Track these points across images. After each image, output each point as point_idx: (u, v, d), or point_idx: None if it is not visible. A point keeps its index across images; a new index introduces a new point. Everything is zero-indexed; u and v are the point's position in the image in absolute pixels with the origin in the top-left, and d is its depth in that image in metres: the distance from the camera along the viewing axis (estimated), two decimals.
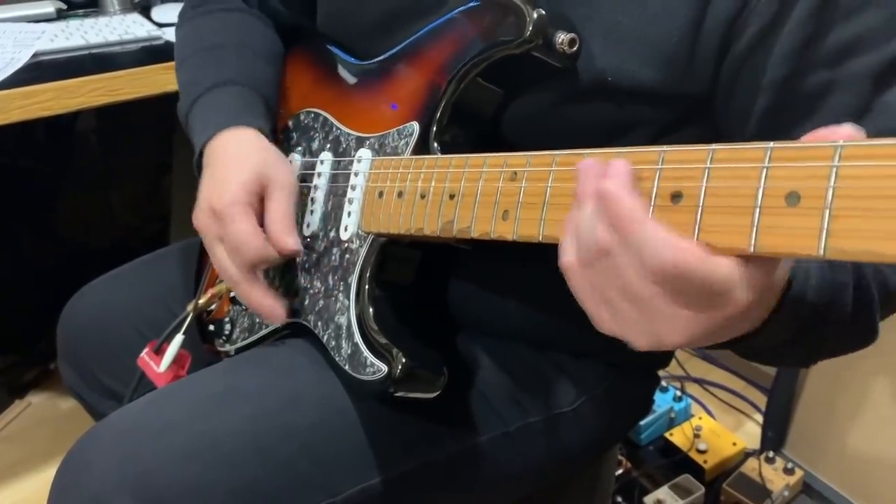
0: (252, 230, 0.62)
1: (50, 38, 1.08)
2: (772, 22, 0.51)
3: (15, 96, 0.90)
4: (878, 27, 0.50)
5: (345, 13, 0.71)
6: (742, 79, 0.53)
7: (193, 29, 0.81)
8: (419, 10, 0.64)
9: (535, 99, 0.59)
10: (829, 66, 0.51)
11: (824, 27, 0.50)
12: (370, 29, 0.69)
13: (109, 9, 1.25)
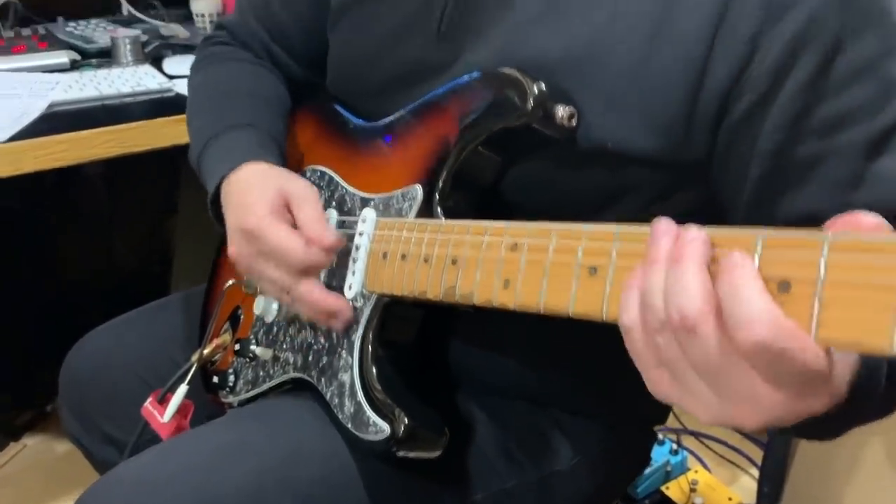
0: (291, 233, 0.64)
1: (64, 89, 1.11)
2: (765, 94, 0.53)
3: (28, 147, 0.93)
4: (867, 101, 0.52)
5: (353, 75, 0.74)
6: (736, 147, 0.56)
7: (206, 77, 0.85)
8: (424, 75, 0.67)
9: (534, 165, 0.61)
10: (820, 136, 0.53)
11: (815, 100, 0.52)
12: (376, 91, 0.71)
13: (122, 60, 1.28)
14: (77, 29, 1.45)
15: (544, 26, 0.59)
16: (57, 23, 1.46)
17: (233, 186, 0.70)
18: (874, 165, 0.52)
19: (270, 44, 0.84)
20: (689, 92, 0.54)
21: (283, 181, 0.68)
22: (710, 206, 0.60)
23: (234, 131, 0.75)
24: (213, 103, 0.80)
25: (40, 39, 1.29)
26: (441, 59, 0.65)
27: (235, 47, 0.86)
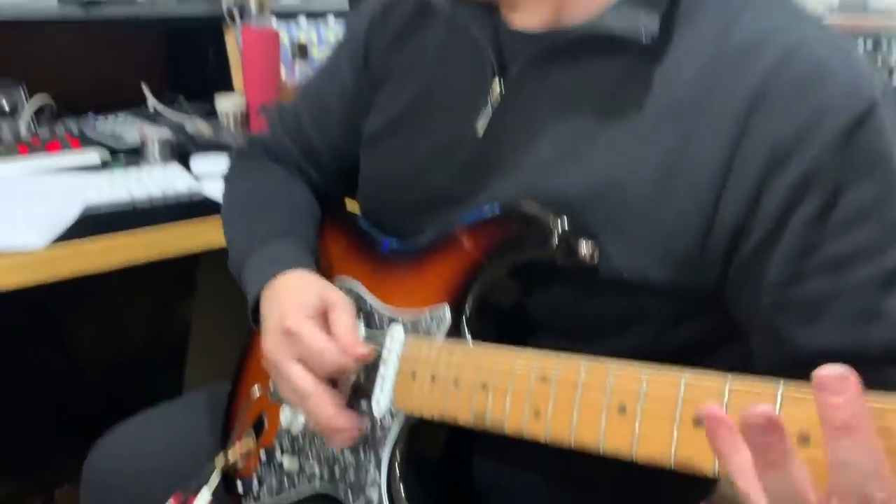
0: (327, 339, 0.67)
1: (98, 191, 1.15)
2: (772, 231, 0.57)
3: (66, 254, 0.96)
4: (871, 242, 0.55)
5: (383, 198, 0.79)
6: (748, 279, 0.59)
7: (242, 187, 0.89)
8: (449, 203, 0.71)
9: (555, 292, 0.64)
10: (827, 274, 0.56)
11: (820, 239, 0.56)
12: (404, 214, 0.75)
13: (151, 158, 1.34)
14: (107, 125, 1.51)
15: (564, 166, 0.63)
16: (87, 118, 1.53)
17: (275, 291, 0.73)
18: (884, 304, 0.55)
19: (301, 161, 0.88)
20: (701, 231, 0.58)
21: (322, 289, 0.72)
22: (723, 331, 0.63)
23: (275, 240, 0.78)
24: (251, 212, 0.85)
25: (73, 137, 1.35)
26: (466, 190, 0.69)
27: (267, 160, 0.91)
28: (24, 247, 0.96)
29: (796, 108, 0.55)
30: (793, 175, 0.55)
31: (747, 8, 0.60)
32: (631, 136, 0.60)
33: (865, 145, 0.55)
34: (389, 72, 0.79)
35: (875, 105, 0.55)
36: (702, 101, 0.58)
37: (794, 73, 0.55)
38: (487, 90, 0.69)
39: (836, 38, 0.58)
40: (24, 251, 0.95)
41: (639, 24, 0.59)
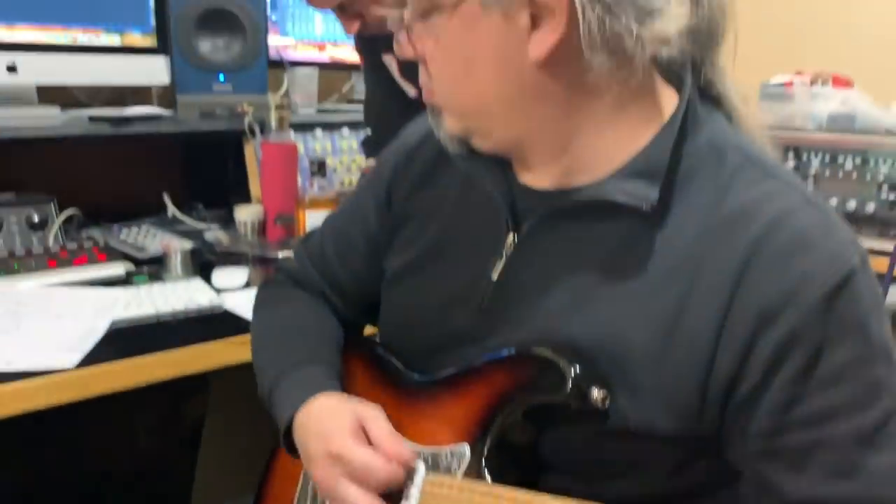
0: (372, 452, 0.70)
1: (124, 306, 1.21)
2: (759, 385, 0.62)
3: (96, 373, 1.01)
4: (851, 399, 0.60)
5: (403, 335, 0.83)
6: (738, 427, 0.64)
7: (271, 315, 0.94)
8: (467, 343, 0.75)
9: (565, 435, 0.68)
10: (811, 427, 0.61)
11: (803, 394, 0.61)
12: (423, 350, 0.80)
13: (173, 271, 1.39)
14: (130, 235, 1.58)
15: (572, 318, 0.68)
16: (111, 229, 1.60)
17: (309, 417, 0.77)
18: (863, 460, 0.60)
19: (327, 290, 0.94)
20: (700, 384, 0.63)
21: (354, 406, 0.76)
22: (724, 474, 0.67)
23: (304, 366, 0.83)
24: (280, 340, 0.89)
25: (99, 250, 1.41)
26: (483, 332, 0.74)
27: (294, 288, 0.96)
28: (56, 366, 1.00)
29: (782, 276, 0.60)
30: (778, 335, 0.60)
31: (736, 179, 0.66)
32: (634, 294, 0.66)
33: (844, 311, 0.60)
34: (411, 214, 0.84)
35: (853, 273, 0.61)
36: (698, 265, 0.64)
37: (779, 243, 0.61)
38: (502, 241, 0.74)
39: (819, 206, 0.65)
40: (55, 370, 0.99)
41: (640, 193, 0.65)
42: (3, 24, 1.55)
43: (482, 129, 0.71)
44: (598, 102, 0.66)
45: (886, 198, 1.57)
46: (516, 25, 0.63)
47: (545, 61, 0.63)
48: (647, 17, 0.62)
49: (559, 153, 0.70)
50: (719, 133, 0.69)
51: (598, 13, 0.60)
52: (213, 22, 1.73)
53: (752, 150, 0.69)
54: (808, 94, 1.73)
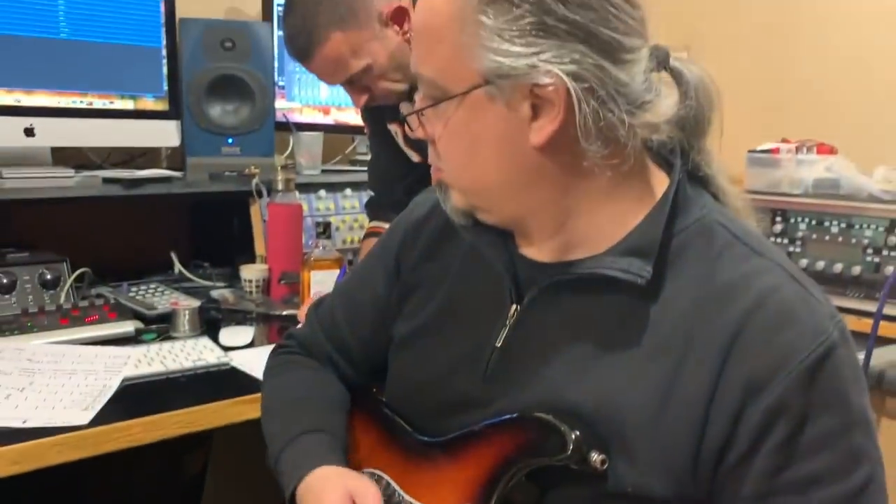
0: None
1: (135, 364, 1.24)
2: (748, 450, 0.66)
3: (109, 431, 1.04)
4: (834, 465, 0.65)
5: (409, 398, 0.87)
6: (728, 491, 0.67)
7: (280, 383, 0.98)
8: (471, 407, 0.79)
9: (566, 498, 0.72)
10: (797, 492, 0.65)
11: (789, 461, 0.65)
12: (429, 413, 0.83)
13: (181, 329, 1.43)
14: (139, 294, 1.62)
15: (572, 385, 0.72)
16: (121, 287, 1.64)
17: (308, 489, 0.81)
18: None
19: (334, 354, 0.98)
20: (693, 449, 0.67)
21: (347, 482, 0.80)
22: None
23: (307, 436, 0.86)
24: (286, 409, 0.93)
25: (110, 309, 1.45)
26: (486, 397, 0.77)
27: (303, 356, 1.00)
28: (70, 423, 1.04)
29: (768, 349, 0.65)
30: (765, 405, 0.65)
31: (724, 255, 0.71)
32: (630, 364, 0.70)
33: (826, 383, 0.65)
34: (418, 283, 0.88)
35: (834, 346, 0.66)
36: (690, 337, 0.68)
37: (765, 318, 0.66)
38: (506, 310, 0.78)
39: (801, 282, 0.70)
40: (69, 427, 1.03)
41: (635, 269, 0.70)
42: (22, 90, 1.63)
43: (486, 205, 0.76)
44: (593, 184, 0.71)
45: (871, 260, 1.63)
46: (518, 115, 0.68)
47: (544, 147, 0.68)
48: (637, 109, 0.68)
49: (557, 229, 0.75)
50: (707, 212, 0.74)
51: (593, 106, 0.66)
52: (224, 88, 1.81)
53: (738, 227, 0.74)
54: (794, 160, 1.80)
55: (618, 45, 0.67)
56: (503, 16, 0.65)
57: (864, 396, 0.68)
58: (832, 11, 2.12)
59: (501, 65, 0.66)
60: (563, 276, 0.75)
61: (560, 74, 0.64)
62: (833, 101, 2.12)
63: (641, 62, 0.69)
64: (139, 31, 1.75)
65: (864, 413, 0.67)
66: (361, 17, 1.33)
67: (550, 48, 0.65)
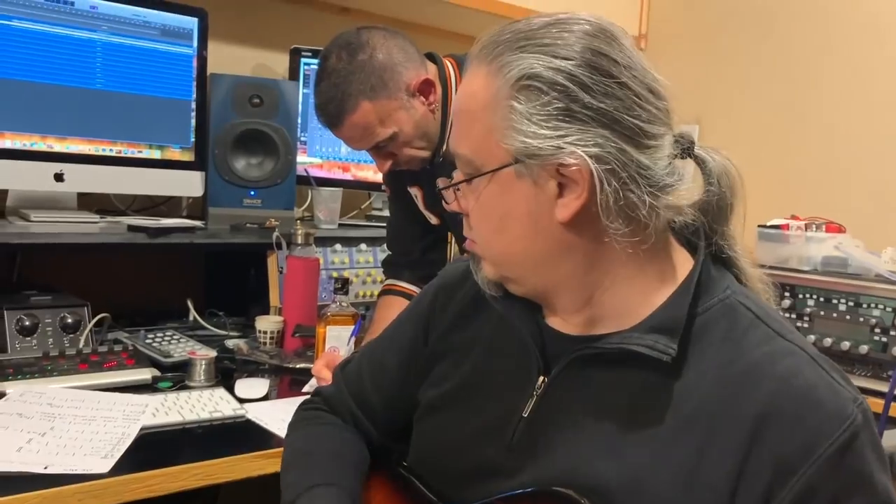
0: None
1: (152, 413, 1.26)
2: None
3: (129, 482, 1.05)
4: None
5: (433, 463, 0.89)
6: None
7: (301, 437, 1.00)
8: (493, 476, 0.80)
9: None
10: None
11: None
12: (451, 480, 0.85)
13: (196, 378, 1.45)
14: (154, 341, 1.64)
15: (597, 460, 0.74)
16: (138, 334, 1.66)
17: None
18: None
19: (357, 413, 1.00)
20: None
21: None
22: None
23: (318, 489, 0.87)
24: (303, 461, 0.94)
25: (128, 356, 1.46)
26: (511, 466, 0.79)
27: (327, 412, 1.02)
28: (91, 471, 1.05)
29: (794, 432, 0.67)
30: (796, 488, 0.67)
31: (747, 336, 0.73)
32: (655, 440, 0.72)
33: (853, 465, 0.67)
34: (447, 350, 0.91)
35: (859, 430, 0.68)
36: (714, 416, 0.70)
37: (790, 401, 0.69)
38: (533, 382, 0.81)
39: (822, 365, 0.72)
40: (90, 475, 1.04)
41: (660, 346, 0.72)
42: (55, 136, 1.67)
43: (514, 276, 0.80)
44: (616, 261, 0.75)
45: (879, 340, 1.65)
46: (545, 192, 0.72)
47: (568, 223, 0.72)
48: (659, 191, 0.72)
49: (584, 303, 0.78)
50: (731, 293, 0.77)
51: (615, 186, 0.70)
52: (249, 141, 1.86)
53: (760, 309, 0.77)
54: (804, 237, 1.84)
55: (640, 131, 0.71)
56: (532, 102, 0.71)
57: (887, 475, 0.70)
58: (844, 92, 2.19)
59: (529, 145, 0.71)
60: (590, 350, 0.77)
61: (583, 156, 0.69)
62: (842, 181, 2.17)
63: (665, 148, 0.73)
64: (171, 84, 1.81)
65: (889, 492, 0.69)
66: (391, 88, 1.38)
67: (575, 132, 0.70)
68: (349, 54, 1.38)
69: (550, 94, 0.70)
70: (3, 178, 1.63)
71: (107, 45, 1.71)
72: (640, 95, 0.71)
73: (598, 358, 0.77)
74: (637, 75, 0.72)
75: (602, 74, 0.70)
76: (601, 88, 0.70)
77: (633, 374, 0.75)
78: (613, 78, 0.71)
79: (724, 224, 0.79)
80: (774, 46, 2.33)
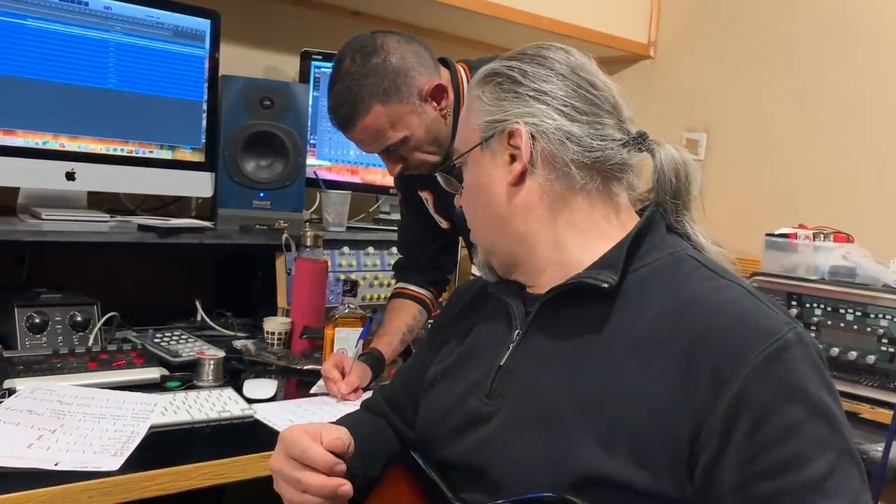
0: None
1: (161, 412, 1.26)
2: (719, 446, 0.71)
3: (140, 479, 1.05)
4: (800, 453, 0.70)
5: (431, 424, 0.96)
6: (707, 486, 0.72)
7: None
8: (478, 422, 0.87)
9: None
10: (770, 479, 0.70)
11: (758, 450, 0.70)
12: (446, 436, 0.91)
13: (205, 378, 1.45)
14: (163, 340, 1.64)
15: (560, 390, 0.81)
16: (147, 333, 1.66)
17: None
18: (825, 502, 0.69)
19: (388, 412, 1.10)
20: (668, 443, 0.73)
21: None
22: None
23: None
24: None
25: (137, 354, 1.47)
26: (487, 411, 0.87)
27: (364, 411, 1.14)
28: (101, 468, 1.05)
29: (726, 346, 0.73)
30: (728, 398, 0.71)
31: (691, 277, 0.82)
32: (607, 364, 0.79)
33: (783, 376, 0.71)
34: (451, 336, 1.02)
35: (788, 344, 0.72)
36: (658, 340, 0.77)
37: (724, 321, 0.75)
38: (512, 336, 0.90)
39: (760, 298, 0.78)
40: (99, 472, 1.04)
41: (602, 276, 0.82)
42: (67, 135, 1.68)
43: (491, 246, 0.93)
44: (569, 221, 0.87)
45: (886, 350, 1.65)
46: (500, 161, 0.89)
47: (517, 183, 0.87)
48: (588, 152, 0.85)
49: (547, 261, 0.88)
50: (682, 249, 0.86)
51: (546, 144, 0.85)
52: (259, 143, 1.86)
53: (707, 261, 0.85)
54: (811, 246, 1.84)
55: (572, 107, 0.86)
56: (492, 90, 0.90)
57: (824, 391, 0.73)
58: (853, 102, 2.19)
59: (488, 121, 0.89)
60: (550, 294, 0.86)
61: (522, 123, 0.86)
62: (851, 190, 2.17)
63: (604, 127, 0.87)
64: (183, 85, 1.82)
65: (826, 406, 0.72)
66: (403, 92, 1.39)
67: (520, 106, 0.87)
68: (363, 57, 1.39)
69: (504, 83, 0.89)
70: (14, 176, 1.64)
71: (120, 45, 1.72)
72: (577, 84, 0.87)
73: (558, 300, 0.85)
74: (575, 70, 0.88)
75: (543, 67, 0.88)
76: (541, 76, 0.87)
77: (586, 310, 0.83)
78: (552, 70, 0.88)
79: (679, 205, 0.89)
80: (783, 55, 2.33)
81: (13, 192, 1.69)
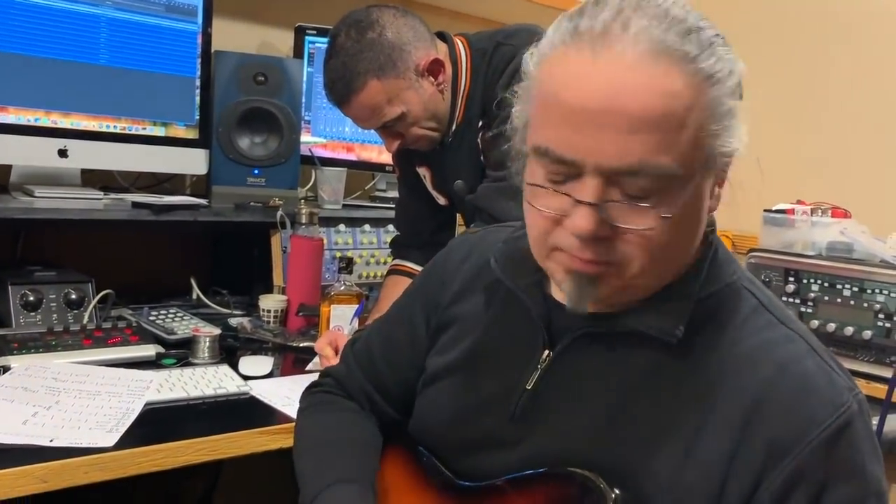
0: None
1: (157, 389, 1.26)
2: None
3: (134, 455, 1.05)
4: None
5: (434, 432, 0.89)
6: None
7: (312, 424, 0.99)
8: (494, 446, 0.81)
9: None
10: None
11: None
12: (452, 449, 0.85)
13: (200, 355, 1.45)
14: (159, 318, 1.64)
15: (600, 436, 0.74)
16: (142, 311, 1.66)
17: None
18: None
19: (373, 393, 1.00)
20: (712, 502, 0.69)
21: None
22: None
23: (341, 485, 0.87)
24: (320, 452, 0.94)
25: (132, 332, 1.46)
26: (511, 438, 0.80)
27: (339, 396, 1.02)
28: (97, 445, 1.05)
29: (789, 418, 0.68)
30: (786, 471, 0.67)
31: (749, 321, 0.75)
32: (654, 419, 0.73)
33: (844, 454, 0.68)
34: (452, 320, 0.91)
35: (852, 418, 0.68)
36: (714, 398, 0.71)
37: (786, 387, 0.70)
38: (538, 355, 0.81)
39: (821, 354, 0.73)
40: (95, 448, 1.04)
41: (667, 328, 0.73)
42: (60, 112, 1.66)
43: (665, 273, 0.75)
44: None
45: (883, 325, 1.65)
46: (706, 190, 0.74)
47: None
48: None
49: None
50: (736, 278, 0.78)
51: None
52: (253, 120, 1.84)
53: (764, 295, 0.78)
54: (809, 222, 1.84)
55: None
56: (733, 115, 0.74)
57: (879, 468, 0.70)
58: (852, 78, 2.18)
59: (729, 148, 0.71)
60: (597, 329, 0.77)
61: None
62: (849, 166, 2.16)
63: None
64: (176, 61, 1.79)
65: (880, 484, 0.70)
66: (399, 67, 1.37)
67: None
68: (358, 32, 1.37)
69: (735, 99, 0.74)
70: (6, 154, 1.62)
71: (111, 20, 1.70)
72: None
73: (605, 337, 0.77)
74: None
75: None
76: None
77: (638, 351, 0.75)
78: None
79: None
80: (782, 31, 2.31)
81: (6, 170, 1.67)
